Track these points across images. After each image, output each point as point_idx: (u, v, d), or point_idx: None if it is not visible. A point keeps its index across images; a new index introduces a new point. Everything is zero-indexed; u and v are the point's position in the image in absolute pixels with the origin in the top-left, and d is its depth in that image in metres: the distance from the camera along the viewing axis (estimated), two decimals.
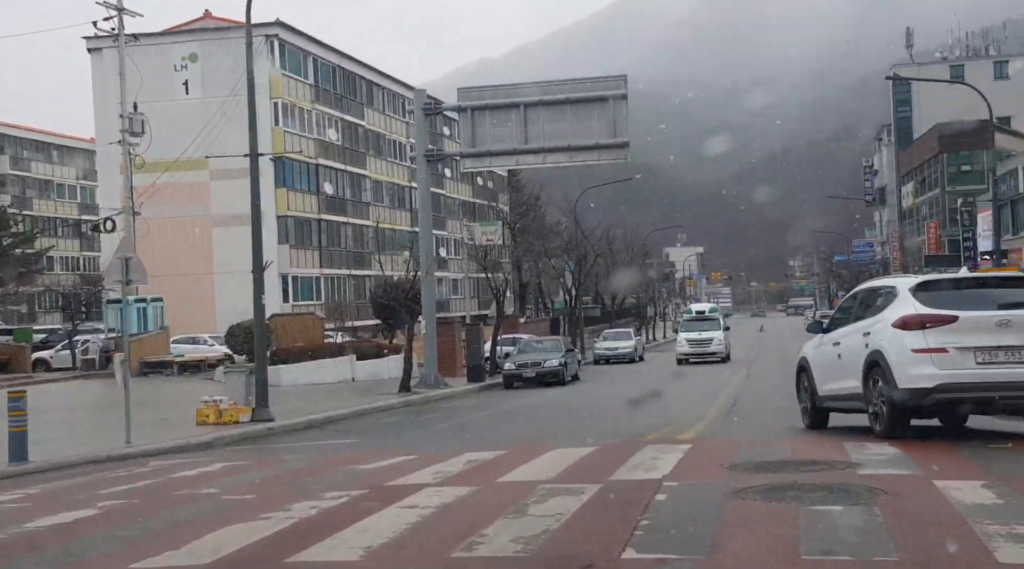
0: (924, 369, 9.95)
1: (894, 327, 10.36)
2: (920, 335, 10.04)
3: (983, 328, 9.99)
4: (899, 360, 10.15)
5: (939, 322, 10.05)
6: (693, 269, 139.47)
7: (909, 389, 10.09)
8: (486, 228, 43.44)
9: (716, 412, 17.75)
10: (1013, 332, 9.97)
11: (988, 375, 9.95)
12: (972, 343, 9.96)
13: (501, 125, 28.62)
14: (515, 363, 30.98)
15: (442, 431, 17.36)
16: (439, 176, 63.46)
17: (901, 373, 10.09)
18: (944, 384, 9.97)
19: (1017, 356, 9.96)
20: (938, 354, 9.97)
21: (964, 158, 67.93)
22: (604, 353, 44.13)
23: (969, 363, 9.96)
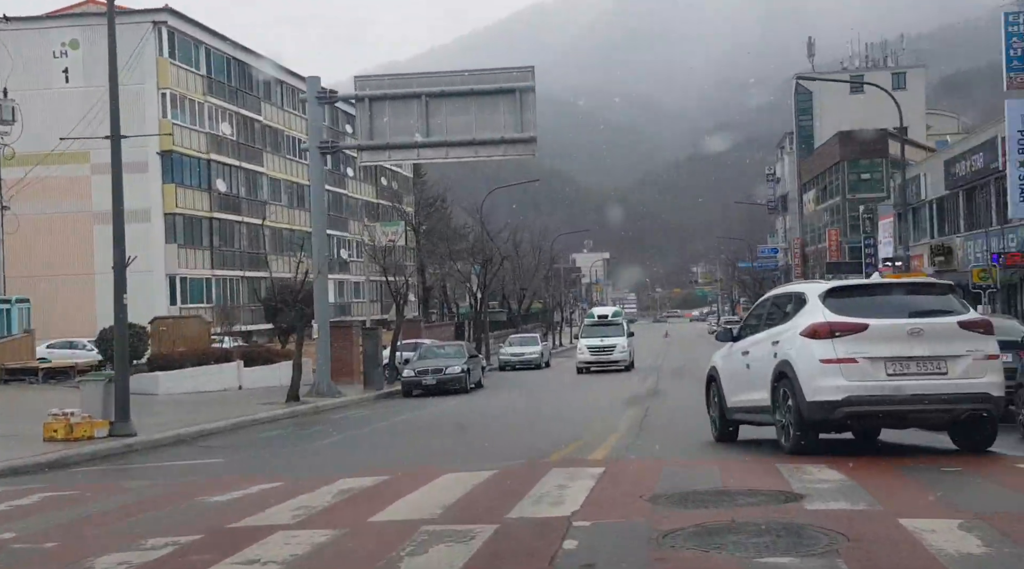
0: (832, 381, 9.36)
1: (802, 336, 9.75)
2: (829, 344, 9.44)
3: (894, 337, 9.41)
4: (807, 371, 9.56)
5: (849, 331, 9.45)
6: (600, 274, 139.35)
7: (817, 402, 9.45)
8: (387, 228, 41.54)
9: (628, 424, 16.29)
10: (925, 341, 9.41)
11: (899, 387, 9.35)
12: (883, 353, 9.38)
13: (401, 117, 26.82)
14: (415, 370, 29.18)
15: (323, 449, 15.48)
16: (341, 175, 61.20)
17: (809, 385, 9.49)
18: (853, 397, 9.35)
19: (929, 367, 9.39)
20: (847, 365, 9.36)
21: (864, 166, 68.68)
22: (510, 359, 42.65)
23: (880, 374, 9.35)
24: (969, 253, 39.76)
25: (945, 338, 9.51)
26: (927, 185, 45.53)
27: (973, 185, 39.28)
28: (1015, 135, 31.96)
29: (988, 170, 36.74)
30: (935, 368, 9.40)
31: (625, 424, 16.38)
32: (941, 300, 10.18)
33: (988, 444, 10.07)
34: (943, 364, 9.43)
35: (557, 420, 18.08)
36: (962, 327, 9.63)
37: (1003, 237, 30.66)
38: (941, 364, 9.43)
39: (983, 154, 37.30)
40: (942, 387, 9.40)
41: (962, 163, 39.96)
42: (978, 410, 9.63)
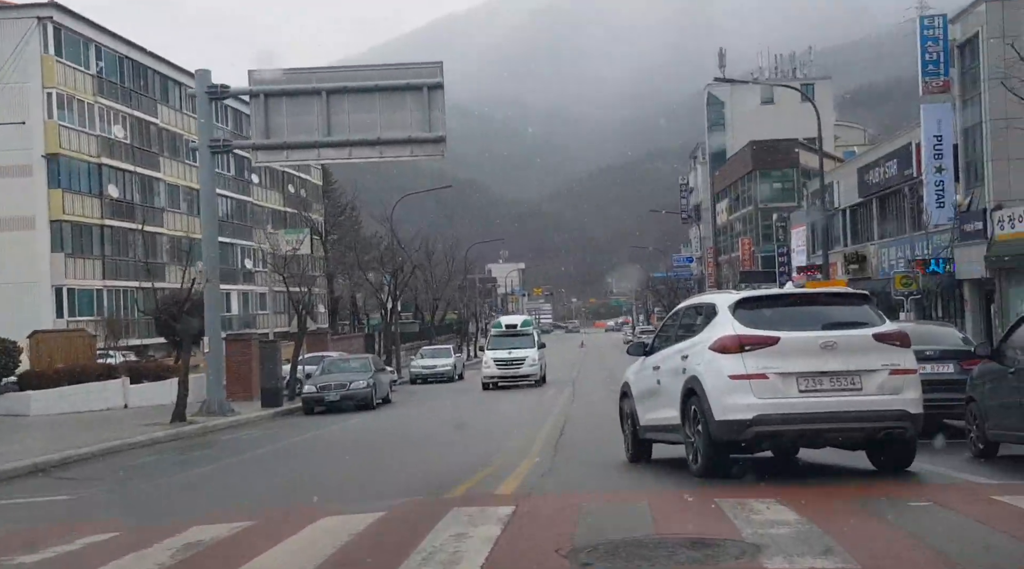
0: (742, 398, 8.76)
1: (711, 350, 9.14)
2: (738, 359, 8.85)
3: (807, 351, 8.82)
4: (715, 388, 8.96)
5: (759, 344, 8.85)
6: (515, 285, 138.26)
7: (726, 421, 8.82)
8: (291, 236, 39.30)
9: (542, 445, 14.72)
10: (839, 355, 8.81)
11: (812, 405, 8.73)
12: (795, 368, 8.77)
13: (300, 114, 24.86)
14: (316, 385, 27.19)
15: (196, 479, 13.50)
16: (245, 182, 58.62)
17: (718, 403, 8.89)
18: (763, 416, 8.71)
19: (843, 383, 8.79)
20: (757, 381, 8.76)
21: (776, 176, 68.78)
22: (421, 372, 40.86)
23: (791, 391, 8.75)
24: (883, 260, 39.45)
25: (860, 351, 8.91)
26: (840, 193, 45.26)
27: (887, 192, 38.98)
28: (931, 141, 31.56)
29: (902, 177, 36.41)
30: (849, 384, 8.80)
31: (539, 445, 14.81)
32: (856, 311, 9.55)
33: (907, 464, 9.46)
34: (858, 379, 8.82)
35: (466, 441, 16.41)
36: (877, 340, 9.02)
37: (928, 241, 30.11)
38: (856, 379, 8.82)
39: (897, 161, 36.98)
40: (857, 404, 8.79)
41: (876, 170, 39.66)
42: (895, 429, 8.98)
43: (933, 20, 30.90)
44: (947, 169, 31.24)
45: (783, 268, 56.00)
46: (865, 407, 8.78)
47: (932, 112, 31.33)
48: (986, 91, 29.08)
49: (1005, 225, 28.29)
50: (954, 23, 30.77)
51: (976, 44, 29.71)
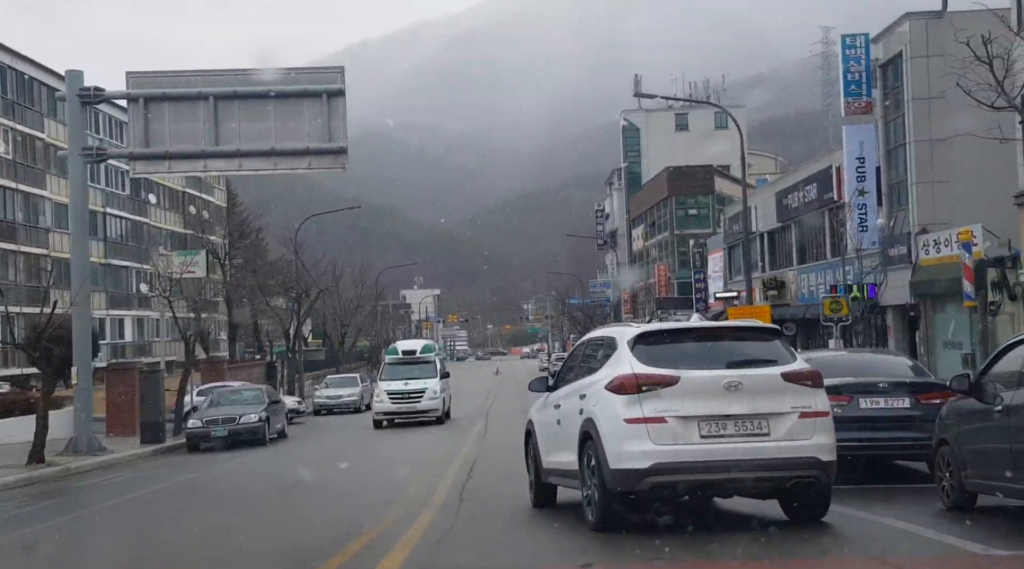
0: (638, 445, 7.95)
1: (607, 390, 8.33)
2: (635, 401, 8.04)
3: (709, 392, 8.04)
4: (611, 433, 8.15)
5: (658, 384, 8.07)
6: (430, 311, 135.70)
7: (620, 470, 8.01)
8: (185, 257, 36.45)
9: (446, 492, 12.62)
10: (744, 397, 8.02)
11: (714, 452, 7.94)
12: (696, 411, 7.99)
13: (185, 121, 22.46)
14: (202, 419, 24.55)
15: (8, 545, 10.95)
16: (142, 202, 55.26)
17: (613, 450, 8.08)
18: (661, 464, 7.90)
19: (748, 427, 7.99)
20: (655, 425, 7.96)
21: (691, 202, 68.12)
22: (325, 402, 38.27)
23: (692, 436, 7.97)
24: (803, 286, 38.44)
25: (767, 392, 8.13)
26: (758, 218, 44.29)
27: (806, 217, 38.01)
28: (853, 163, 30.52)
29: (822, 201, 35.43)
30: (756, 428, 8.00)
31: (442, 492, 12.69)
32: (765, 347, 8.69)
33: (822, 514, 8.62)
34: (765, 423, 8.02)
35: (359, 488, 14.15)
36: (786, 379, 8.22)
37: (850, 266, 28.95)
38: (762, 423, 8.02)
39: (817, 185, 36.02)
40: (763, 451, 7.99)
41: (795, 194, 38.70)
42: (805, 478, 8.18)
43: (855, 39, 29.96)
44: (870, 192, 30.22)
45: (700, 294, 54.96)
46: (772, 454, 7.96)
47: (854, 133, 30.32)
48: (910, 112, 28.17)
49: (930, 250, 27.29)
50: (876, 42, 29.87)
51: (899, 63, 28.82)
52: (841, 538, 8.35)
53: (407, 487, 13.88)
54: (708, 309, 54.23)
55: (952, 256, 25.47)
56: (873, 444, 12.16)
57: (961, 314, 26.03)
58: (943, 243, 26.41)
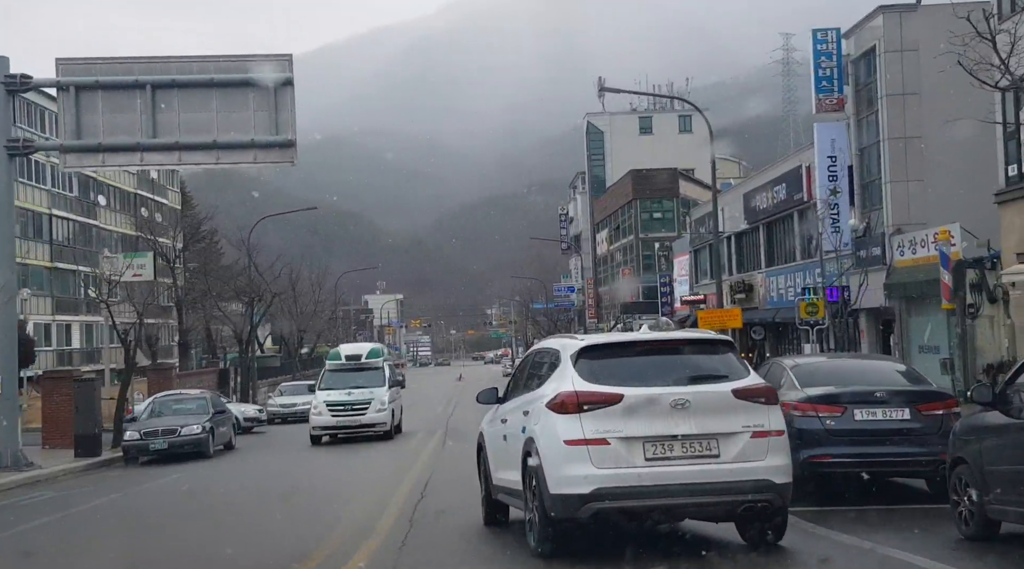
0: (579, 469, 7.43)
1: (548, 409, 7.81)
2: (576, 421, 7.50)
3: (655, 411, 7.51)
4: (551, 455, 7.63)
5: (599, 403, 7.55)
6: (393, 316, 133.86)
7: (561, 495, 7.51)
8: (133, 260, 34.61)
9: (395, 516, 11.24)
10: (692, 416, 7.52)
11: (660, 475, 7.44)
12: (640, 432, 7.47)
13: (121, 111, 20.82)
14: (140, 431, 22.86)
15: None
16: (90, 204, 53.14)
17: (553, 473, 7.58)
18: (603, 489, 7.40)
19: (696, 448, 7.51)
20: (597, 447, 7.44)
21: (656, 205, 67.14)
22: (279, 411, 36.59)
23: (636, 459, 7.46)
24: (772, 290, 37.42)
25: (717, 411, 7.62)
26: (725, 220, 43.14)
27: (775, 218, 37.01)
28: (824, 162, 29.48)
29: (792, 202, 34.43)
30: (704, 449, 7.52)
31: (391, 516, 11.30)
32: (716, 361, 8.14)
33: (777, 538, 8.05)
34: (714, 444, 7.55)
35: (298, 511, 12.65)
36: (738, 396, 7.69)
37: (821, 268, 27.87)
38: (712, 444, 7.54)
39: (786, 185, 35.02)
40: (713, 474, 7.51)
41: (763, 195, 37.71)
42: (758, 502, 7.62)
43: (826, 34, 28.93)
44: (842, 192, 29.20)
45: (666, 298, 53.89)
46: (722, 477, 7.48)
47: (826, 131, 29.27)
48: (884, 108, 27.19)
49: (905, 251, 26.30)
50: (848, 37, 28.89)
51: (872, 58, 27.85)
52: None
53: (353, 506, 12.46)
54: (674, 313, 53.20)
55: (929, 257, 24.48)
56: (870, 460, 10.97)
57: (938, 317, 25.06)
58: (919, 244, 25.42)
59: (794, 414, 10.86)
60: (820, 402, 10.96)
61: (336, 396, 24.62)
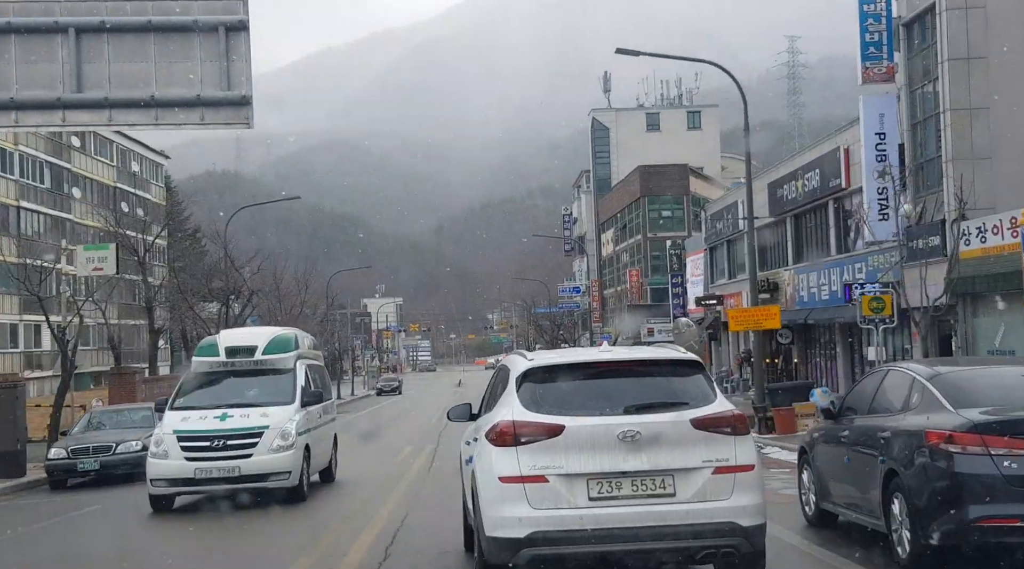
0: (514, 510, 6.39)
1: (487, 439, 6.76)
2: (512, 455, 6.47)
3: (601, 444, 6.40)
4: (487, 494, 6.63)
5: (538, 434, 6.46)
6: (392, 320, 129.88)
7: (495, 539, 6.46)
8: (92, 252, 30.66)
9: None
10: (643, 450, 6.40)
11: (606, 517, 6.35)
12: (584, 468, 6.40)
13: (38, 60, 16.74)
14: (68, 448, 18.88)
15: None
16: (65, 196, 49.26)
17: (488, 514, 6.57)
18: (540, 533, 6.31)
19: (648, 487, 6.39)
20: (534, 485, 6.38)
21: (665, 203, 63.17)
22: None
23: (579, 499, 6.40)
24: (801, 288, 33.41)
25: (672, 444, 6.48)
26: (746, 213, 39.25)
27: (805, 209, 33.02)
28: (872, 139, 25.46)
29: (827, 190, 30.44)
30: (657, 488, 6.42)
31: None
32: (679, 384, 6.90)
33: None
34: (669, 482, 6.45)
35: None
36: (697, 426, 6.52)
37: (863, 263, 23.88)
38: (666, 482, 6.45)
39: (819, 171, 31.02)
40: (666, 516, 6.38)
41: (791, 185, 33.69)
42: (720, 548, 6.44)
43: None
44: (892, 173, 25.20)
45: (678, 300, 49.89)
46: (678, 520, 6.37)
47: (874, 105, 25.24)
48: (944, 75, 23.17)
49: (972, 239, 22.27)
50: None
51: (928, 20, 23.89)
52: None
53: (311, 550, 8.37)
54: (686, 315, 49.28)
55: (1004, 245, 20.52)
56: None
57: (1015, 317, 21.09)
58: (991, 230, 21.41)
59: (950, 451, 6.92)
60: (993, 431, 6.97)
61: (198, 423, 13.68)
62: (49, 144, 48.09)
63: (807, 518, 9.80)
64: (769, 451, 19.18)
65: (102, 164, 53.52)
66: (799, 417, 21.83)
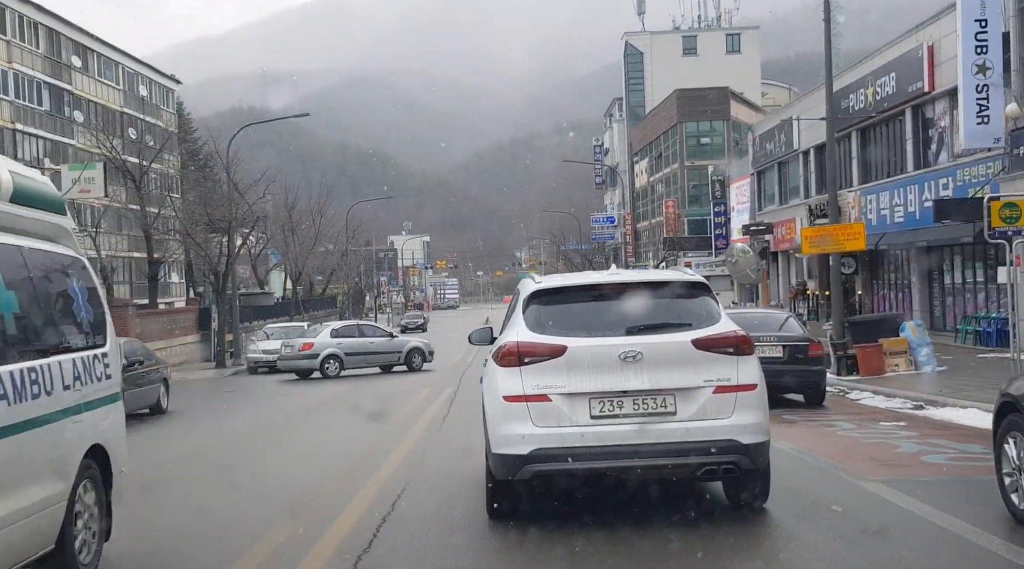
0: (518, 427, 6.34)
1: (493, 360, 6.81)
2: (516, 375, 6.42)
3: (602, 364, 6.35)
4: (493, 412, 6.60)
5: (542, 355, 6.43)
6: (418, 258, 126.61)
7: (500, 455, 6.41)
8: (79, 172, 27.14)
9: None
10: (644, 369, 6.33)
11: (607, 435, 6.29)
12: (586, 387, 6.34)
13: None
14: None
15: None
16: (66, 120, 45.83)
17: (494, 432, 6.54)
18: (542, 450, 6.27)
19: (649, 406, 6.35)
20: (537, 404, 6.33)
21: (704, 130, 58.75)
22: (261, 357, 29.44)
23: (581, 417, 6.32)
24: (869, 211, 29.39)
25: (673, 364, 6.41)
26: (799, 132, 35.11)
27: (876, 121, 28.84)
28: (970, 28, 21.26)
29: (904, 95, 26.24)
30: (659, 406, 6.35)
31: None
32: (683, 306, 6.86)
33: (762, 500, 6.79)
34: (670, 401, 6.36)
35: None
36: (698, 347, 6.44)
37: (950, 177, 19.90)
38: (667, 401, 6.36)
39: (895, 75, 26.79)
40: (667, 433, 6.30)
41: (859, 94, 29.45)
42: (721, 464, 6.38)
43: None
44: (993, 67, 21.08)
45: (720, 230, 45.95)
46: (678, 437, 6.30)
47: None
48: None
49: None
50: None
51: None
52: None
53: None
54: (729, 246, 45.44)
55: None
56: None
57: None
58: None
59: None
60: None
61: None
62: (48, 63, 44.51)
63: (1013, 512, 6.36)
64: (859, 396, 15.52)
65: (107, 87, 49.96)
66: (887, 355, 18.09)
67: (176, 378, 28.93)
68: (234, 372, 29.85)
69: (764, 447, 6.49)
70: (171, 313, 32.75)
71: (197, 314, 33.91)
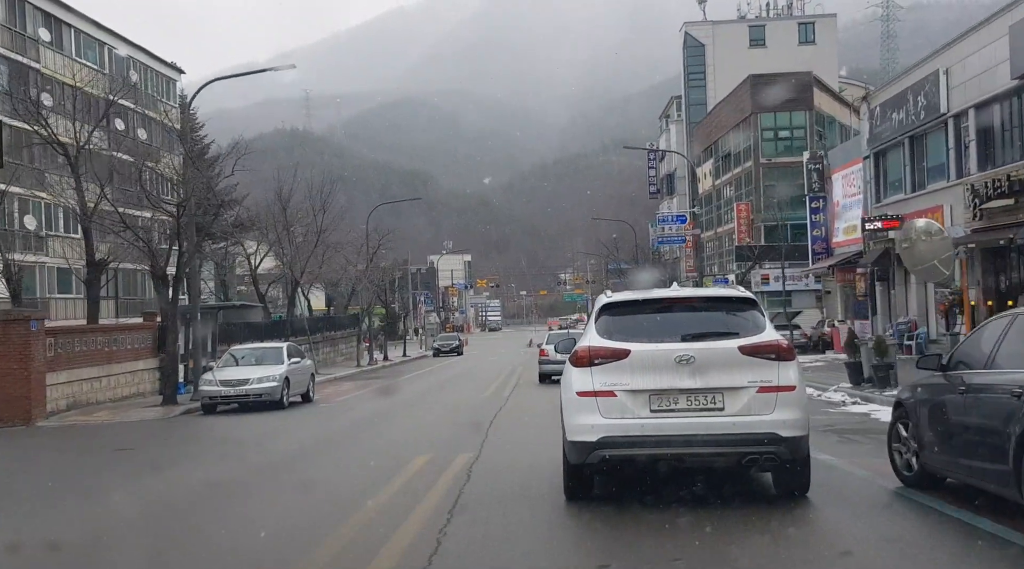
0: (588, 418, 7.36)
1: (569, 362, 7.89)
2: (587, 374, 7.46)
3: (660, 366, 7.34)
4: (568, 406, 7.59)
5: (609, 358, 7.46)
6: (459, 279, 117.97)
7: (573, 442, 7.49)
8: None
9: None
10: (698, 371, 7.31)
11: (663, 426, 7.27)
12: (646, 385, 7.34)
13: None
14: None
15: None
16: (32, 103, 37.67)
17: (569, 423, 7.53)
18: (608, 438, 7.31)
19: (701, 402, 7.29)
20: (605, 398, 7.39)
21: (783, 122, 49.25)
22: (215, 390, 20.64)
23: (642, 410, 7.34)
24: None
25: (722, 367, 7.33)
26: (947, 92, 25.56)
27: None
28: None
29: None
30: (709, 403, 7.29)
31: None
32: (732, 318, 7.77)
33: (803, 490, 7.74)
34: (719, 398, 7.30)
35: None
36: (744, 353, 7.36)
37: None
38: (716, 398, 7.31)
39: None
40: (715, 426, 7.23)
41: None
42: (762, 454, 7.26)
43: None
44: None
45: (818, 231, 36.33)
46: (725, 430, 7.23)
47: None
48: None
49: None
50: None
51: None
52: None
53: None
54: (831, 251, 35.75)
55: None
56: None
57: None
58: None
59: None
60: None
61: None
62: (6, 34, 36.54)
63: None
64: None
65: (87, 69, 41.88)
66: None
67: (99, 419, 20.20)
68: (184, 411, 21.03)
69: (801, 441, 7.33)
70: (115, 331, 24.12)
71: (155, 332, 25.23)
